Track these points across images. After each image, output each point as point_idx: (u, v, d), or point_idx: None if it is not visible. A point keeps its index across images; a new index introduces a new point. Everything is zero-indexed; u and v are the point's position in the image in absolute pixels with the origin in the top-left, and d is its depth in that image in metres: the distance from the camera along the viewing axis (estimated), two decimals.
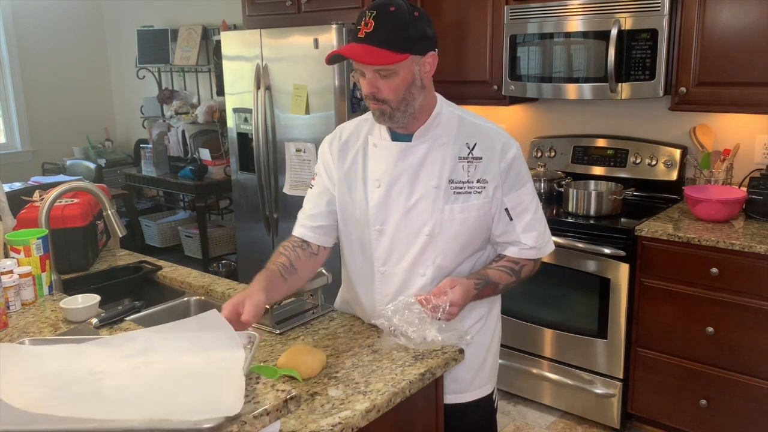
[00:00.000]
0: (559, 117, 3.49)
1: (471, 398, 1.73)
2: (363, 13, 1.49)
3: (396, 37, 1.46)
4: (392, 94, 1.51)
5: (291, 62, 3.41)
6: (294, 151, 3.49)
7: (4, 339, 1.59)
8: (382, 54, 1.46)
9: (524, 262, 1.65)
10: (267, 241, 3.78)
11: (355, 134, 1.69)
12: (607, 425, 2.93)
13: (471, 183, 1.58)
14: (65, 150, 5.61)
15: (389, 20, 1.46)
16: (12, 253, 1.84)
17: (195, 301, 2.10)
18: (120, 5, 5.65)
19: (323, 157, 1.72)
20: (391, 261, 1.64)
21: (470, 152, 1.58)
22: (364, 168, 1.64)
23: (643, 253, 2.71)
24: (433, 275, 1.61)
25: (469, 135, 1.60)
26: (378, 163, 1.62)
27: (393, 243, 1.62)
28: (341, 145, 1.69)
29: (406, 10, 1.47)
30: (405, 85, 1.51)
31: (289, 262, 1.63)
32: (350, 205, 1.66)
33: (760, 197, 2.71)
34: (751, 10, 2.57)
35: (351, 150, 1.67)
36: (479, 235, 1.63)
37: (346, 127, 1.72)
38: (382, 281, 1.66)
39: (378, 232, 1.62)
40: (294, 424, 1.26)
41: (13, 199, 2.64)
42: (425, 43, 1.51)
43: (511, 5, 3.09)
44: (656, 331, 2.73)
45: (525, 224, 1.62)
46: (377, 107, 1.54)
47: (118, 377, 1.15)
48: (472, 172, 1.58)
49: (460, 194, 1.58)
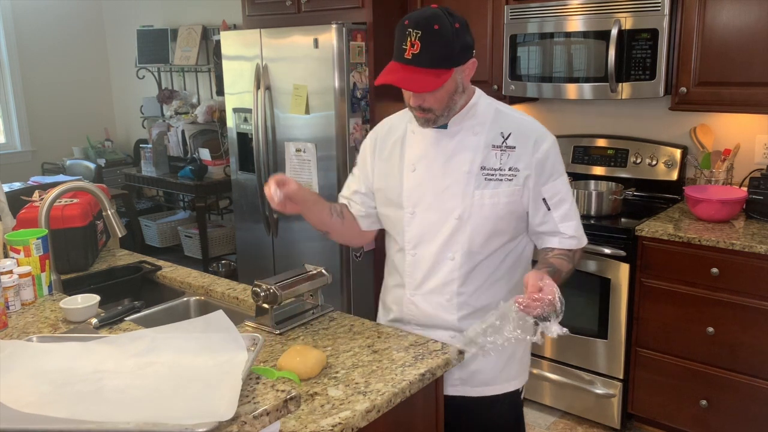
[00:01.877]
0: (560, 117, 3.49)
1: (496, 392, 1.74)
2: (407, 31, 1.50)
3: (442, 56, 1.50)
4: (437, 104, 1.57)
5: (291, 62, 3.41)
6: (294, 151, 3.49)
7: (4, 339, 1.59)
8: (430, 78, 1.50)
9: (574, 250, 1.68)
10: (267, 241, 3.77)
11: (396, 125, 1.77)
12: (608, 425, 2.93)
13: (503, 170, 1.62)
14: (65, 150, 5.61)
15: (435, 40, 1.48)
16: (12, 253, 1.83)
17: (195, 301, 2.10)
18: (120, 5, 5.65)
19: (363, 148, 1.83)
20: (422, 244, 1.68)
21: (504, 141, 1.63)
22: (401, 154, 1.71)
23: (644, 253, 2.71)
24: (462, 260, 1.65)
25: (505, 125, 1.64)
26: (414, 148, 1.69)
27: (423, 226, 1.67)
28: (383, 136, 1.78)
29: (449, 25, 1.49)
30: (449, 94, 1.56)
31: (340, 209, 1.80)
32: (386, 189, 1.74)
33: (760, 197, 2.71)
34: (751, 10, 2.57)
35: (391, 139, 1.75)
36: (509, 223, 1.65)
37: (389, 119, 1.82)
38: (413, 265, 1.70)
39: (410, 214, 1.68)
40: (294, 424, 1.26)
41: (13, 199, 2.64)
42: (467, 53, 1.55)
43: (511, 5, 3.09)
44: (656, 331, 2.73)
45: (563, 214, 1.65)
46: (423, 116, 1.60)
47: (121, 377, 1.15)
48: (505, 160, 1.62)
49: (491, 180, 1.62)
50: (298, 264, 1.95)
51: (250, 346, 1.26)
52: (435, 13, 1.49)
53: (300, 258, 3.55)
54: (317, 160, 3.39)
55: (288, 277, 1.74)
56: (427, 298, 1.70)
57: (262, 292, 1.67)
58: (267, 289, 1.67)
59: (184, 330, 1.30)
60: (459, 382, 1.72)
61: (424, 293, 1.70)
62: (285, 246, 3.69)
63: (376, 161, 1.77)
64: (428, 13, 1.50)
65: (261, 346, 1.27)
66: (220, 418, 1.02)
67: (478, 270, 1.67)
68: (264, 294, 1.67)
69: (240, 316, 1.83)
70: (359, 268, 3.47)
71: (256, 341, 1.28)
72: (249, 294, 1.95)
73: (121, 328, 1.68)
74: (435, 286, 1.68)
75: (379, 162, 1.76)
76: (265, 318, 1.71)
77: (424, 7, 1.54)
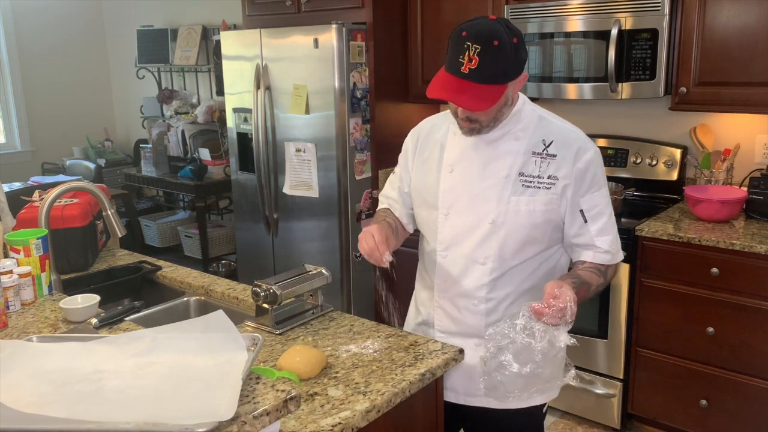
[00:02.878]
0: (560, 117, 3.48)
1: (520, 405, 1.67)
2: (465, 44, 1.45)
3: (499, 73, 1.47)
4: (486, 117, 1.55)
5: (291, 62, 3.41)
6: (294, 151, 3.49)
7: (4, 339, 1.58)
8: (485, 95, 1.47)
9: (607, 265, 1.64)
10: (267, 241, 3.77)
11: (437, 126, 1.75)
12: (608, 425, 2.93)
13: (541, 178, 1.58)
14: (65, 150, 5.61)
15: (494, 57, 1.44)
16: (12, 253, 1.83)
17: (195, 301, 2.10)
18: (120, 5, 5.65)
19: (405, 146, 1.82)
20: (454, 247, 1.66)
21: (545, 149, 1.60)
22: (440, 154, 1.69)
23: (644, 253, 2.71)
24: (494, 265, 1.62)
25: (547, 133, 1.61)
26: (454, 150, 1.67)
27: (456, 228, 1.65)
28: (425, 135, 1.76)
29: (508, 42, 1.45)
30: (498, 108, 1.54)
31: (395, 224, 1.79)
32: (423, 190, 1.72)
33: (760, 197, 2.71)
34: (751, 10, 2.57)
35: (432, 138, 1.73)
36: (544, 233, 1.61)
37: (431, 119, 1.80)
38: (443, 267, 1.68)
39: (444, 216, 1.66)
40: (294, 424, 1.26)
41: (13, 199, 2.64)
42: (520, 67, 1.52)
43: (511, 5, 3.09)
44: (656, 331, 2.73)
45: (600, 227, 1.61)
46: (468, 126, 1.57)
47: (121, 377, 1.15)
48: (544, 168, 1.59)
49: (529, 188, 1.59)
50: (298, 264, 1.95)
51: (250, 346, 1.26)
52: (495, 28, 1.45)
53: (300, 258, 3.55)
54: (317, 160, 3.39)
55: (288, 277, 1.74)
56: (455, 302, 1.68)
57: (262, 292, 1.67)
58: (267, 289, 1.67)
59: (184, 330, 1.30)
60: (482, 392, 1.65)
61: (452, 296, 1.68)
62: (285, 246, 3.69)
63: (416, 160, 1.75)
64: (488, 26, 1.46)
65: (261, 346, 1.26)
66: (220, 418, 1.02)
67: (508, 276, 1.63)
68: (264, 294, 1.67)
69: (240, 316, 1.83)
70: (359, 268, 3.47)
71: (256, 341, 1.28)
72: (249, 294, 1.95)
73: (121, 328, 1.68)
74: (464, 290, 1.66)
75: (419, 161, 1.75)
76: (265, 318, 1.71)
77: (482, 18, 1.50)
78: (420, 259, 1.82)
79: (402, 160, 1.82)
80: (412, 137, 1.80)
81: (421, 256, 1.81)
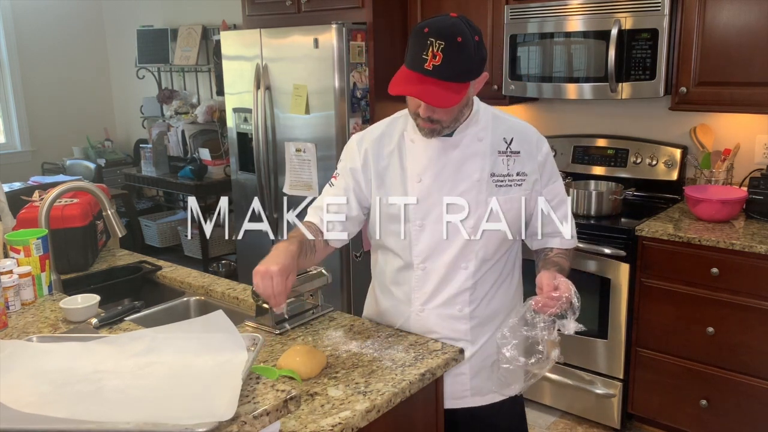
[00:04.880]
0: (560, 117, 3.49)
1: (500, 398, 1.74)
2: (428, 40, 1.42)
3: (462, 70, 1.46)
4: (447, 116, 1.54)
5: (291, 62, 3.41)
6: (294, 151, 3.49)
7: (4, 339, 1.58)
8: (449, 93, 1.45)
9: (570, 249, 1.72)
10: (267, 241, 3.76)
11: (388, 134, 1.68)
12: (608, 425, 2.93)
13: (511, 176, 1.62)
14: (65, 150, 5.61)
15: (457, 54, 1.43)
16: (12, 253, 1.83)
17: (195, 301, 2.10)
18: (120, 5, 5.65)
19: (351, 156, 1.69)
20: (433, 257, 1.64)
21: (508, 147, 1.63)
22: (401, 165, 1.64)
23: (644, 253, 2.71)
24: (476, 267, 1.64)
25: (505, 130, 1.64)
26: (419, 158, 1.62)
27: (435, 237, 1.62)
28: (374, 143, 1.67)
29: (470, 39, 1.44)
30: (460, 107, 1.53)
31: (313, 244, 1.63)
32: (388, 204, 1.64)
33: (760, 197, 2.71)
34: (751, 10, 2.57)
35: (386, 148, 1.66)
36: (519, 227, 1.67)
37: (377, 127, 1.71)
38: (422, 278, 1.65)
39: (419, 227, 1.63)
40: (294, 424, 1.26)
41: (13, 199, 2.64)
42: (482, 66, 1.51)
43: (511, 5, 3.09)
44: (656, 331, 2.73)
45: (563, 215, 1.68)
46: (429, 127, 1.55)
47: (121, 377, 1.15)
48: (512, 165, 1.62)
49: (501, 187, 1.62)
50: None
51: (250, 346, 1.26)
52: (457, 25, 1.44)
53: None
54: (317, 160, 3.39)
55: None
56: (438, 311, 1.66)
57: None
58: None
59: (184, 330, 1.30)
60: (469, 393, 1.71)
61: (435, 306, 1.66)
62: None
63: (372, 174, 1.65)
64: (450, 23, 1.44)
65: (261, 346, 1.27)
66: (220, 418, 1.02)
67: (488, 275, 1.66)
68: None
69: (240, 316, 1.83)
70: (359, 268, 3.47)
71: (256, 341, 1.28)
72: (249, 294, 1.95)
73: (121, 328, 1.68)
74: (447, 298, 1.65)
75: (376, 176, 1.65)
76: (265, 318, 1.71)
77: (443, 16, 1.48)
78: (379, 278, 1.76)
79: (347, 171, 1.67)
80: (358, 145, 1.67)
81: (383, 273, 1.74)
